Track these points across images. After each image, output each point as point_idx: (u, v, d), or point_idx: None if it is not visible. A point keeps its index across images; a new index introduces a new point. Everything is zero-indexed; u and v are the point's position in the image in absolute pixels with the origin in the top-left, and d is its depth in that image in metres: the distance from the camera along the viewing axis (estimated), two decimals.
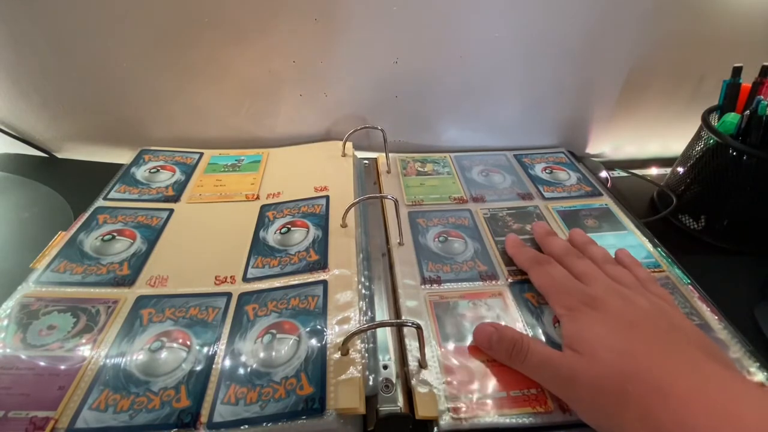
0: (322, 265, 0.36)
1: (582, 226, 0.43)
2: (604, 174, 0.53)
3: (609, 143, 0.60)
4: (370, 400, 0.27)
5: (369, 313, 0.33)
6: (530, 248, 0.37)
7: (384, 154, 0.51)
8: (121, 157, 0.51)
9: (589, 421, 0.25)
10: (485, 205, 0.45)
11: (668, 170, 0.53)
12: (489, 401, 0.27)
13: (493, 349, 0.30)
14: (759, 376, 0.29)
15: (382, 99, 0.53)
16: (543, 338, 0.32)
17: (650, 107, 0.56)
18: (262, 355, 0.29)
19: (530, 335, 0.31)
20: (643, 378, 0.23)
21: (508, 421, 0.27)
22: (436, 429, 0.26)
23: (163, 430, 0.26)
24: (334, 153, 0.51)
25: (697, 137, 0.46)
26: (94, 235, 0.39)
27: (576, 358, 0.26)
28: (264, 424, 0.26)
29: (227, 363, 0.29)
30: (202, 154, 0.52)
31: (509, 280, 0.36)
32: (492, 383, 0.28)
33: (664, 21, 0.49)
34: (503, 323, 0.32)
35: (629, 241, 0.41)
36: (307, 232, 0.40)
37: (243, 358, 0.29)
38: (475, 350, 0.30)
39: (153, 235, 0.40)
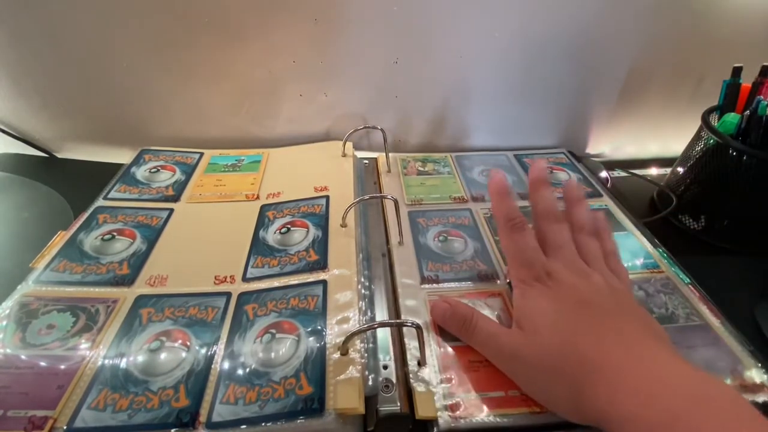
0: (321, 265, 0.36)
1: None
2: (604, 174, 0.53)
3: (609, 143, 0.60)
4: (370, 400, 0.27)
5: (369, 313, 0.33)
6: (511, 201, 0.33)
7: (384, 154, 0.51)
8: (121, 157, 0.51)
9: (530, 395, 0.27)
10: (485, 205, 0.45)
11: (668, 170, 0.53)
12: (488, 401, 0.27)
13: (447, 324, 0.31)
14: (760, 377, 0.29)
15: (382, 99, 0.53)
16: None
17: (650, 107, 0.56)
18: (261, 354, 0.29)
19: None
20: (577, 356, 0.24)
21: (506, 420, 0.27)
22: (435, 429, 0.26)
23: (161, 429, 0.25)
24: (334, 153, 0.51)
25: (697, 137, 0.46)
26: (93, 234, 0.39)
27: (519, 335, 0.28)
28: (263, 423, 0.26)
29: (226, 363, 0.29)
30: (202, 154, 0.52)
31: (509, 280, 0.36)
32: (491, 383, 0.28)
33: (664, 21, 0.49)
34: (501, 322, 0.32)
35: (629, 241, 0.41)
36: (307, 232, 0.40)
37: (242, 358, 0.29)
38: (474, 350, 0.30)
39: (153, 235, 0.40)
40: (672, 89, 0.55)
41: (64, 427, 0.25)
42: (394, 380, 0.28)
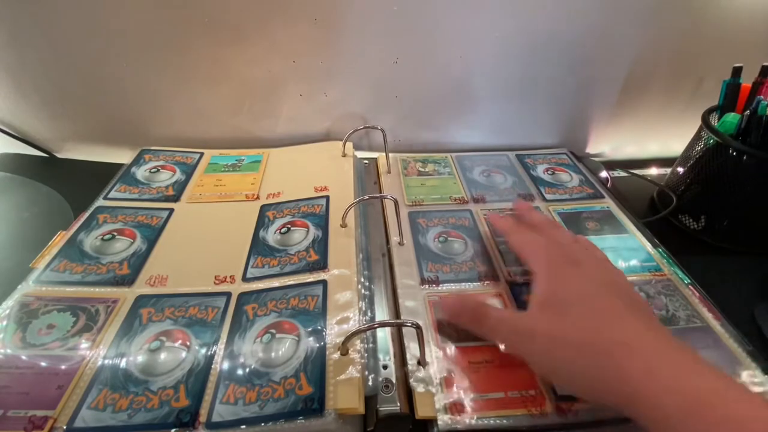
0: (321, 265, 0.36)
1: (583, 228, 0.43)
2: (604, 174, 0.53)
3: (609, 143, 0.60)
4: (370, 400, 0.27)
5: (369, 313, 0.33)
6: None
7: (384, 154, 0.51)
8: (121, 157, 0.51)
9: (545, 374, 0.28)
10: (485, 206, 0.45)
11: (668, 170, 0.53)
12: (487, 402, 0.27)
13: (458, 315, 0.32)
14: (759, 377, 0.29)
15: (382, 99, 0.53)
16: None
17: (650, 107, 0.56)
18: (261, 354, 0.29)
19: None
20: (611, 333, 0.25)
21: (505, 422, 0.27)
22: (435, 429, 0.26)
23: (161, 429, 0.26)
24: (334, 153, 0.51)
25: (697, 137, 0.46)
26: (94, 234, 0.39)
27: (541, 314, 0.28)
28: (263, 423, 0.26)
29: (226, 362, 0.29)
30: (202, 153, 0.52)
31: (509, 282, 0.36)
32: (490, 384, 0.28)
33: (665, 21, 0.49)
34: None
35: (630, 243, 0.41)
36: (307, 232, 0.40)
37: (242, 358, 0.29)
38: (473, 351, 0.30)
39: (153, 235, 0.40)
40: (672, 89, 0.55)
41: (64, 427, 0.25)
42: (393, 380, 0.28)
